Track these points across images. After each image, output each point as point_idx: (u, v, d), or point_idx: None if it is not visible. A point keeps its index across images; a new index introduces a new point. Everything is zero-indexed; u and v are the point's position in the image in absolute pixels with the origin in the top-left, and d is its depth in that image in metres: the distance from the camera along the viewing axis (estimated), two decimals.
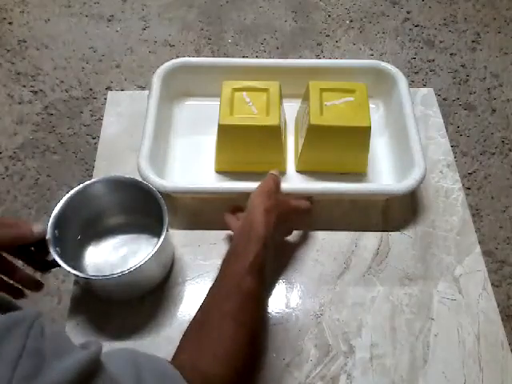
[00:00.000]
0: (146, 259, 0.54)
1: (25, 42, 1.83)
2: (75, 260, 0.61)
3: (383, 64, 0.79)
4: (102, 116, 0.80)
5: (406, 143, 0.69)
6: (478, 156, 1.59)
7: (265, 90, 0.69)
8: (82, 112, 1.65)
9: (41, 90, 1.70)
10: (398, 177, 0.71)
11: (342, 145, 0.69)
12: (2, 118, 1.63)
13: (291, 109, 0.77)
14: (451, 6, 2.02)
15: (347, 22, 1.95)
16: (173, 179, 0.70)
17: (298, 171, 0.73)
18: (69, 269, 0.53)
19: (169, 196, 0.65)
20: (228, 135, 0.68)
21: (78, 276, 0.54)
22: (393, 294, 0.63)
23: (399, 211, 0.70)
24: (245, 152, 0.70)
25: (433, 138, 0.78)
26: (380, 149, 0.76)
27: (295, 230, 0.67)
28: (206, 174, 0.72)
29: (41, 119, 1.63)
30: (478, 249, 0.67)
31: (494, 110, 1.70)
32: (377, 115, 0.79)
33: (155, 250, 0.55)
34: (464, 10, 2.01)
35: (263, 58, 1.80)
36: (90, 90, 1.70)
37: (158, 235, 0.56)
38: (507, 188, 1.53)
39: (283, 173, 0.73)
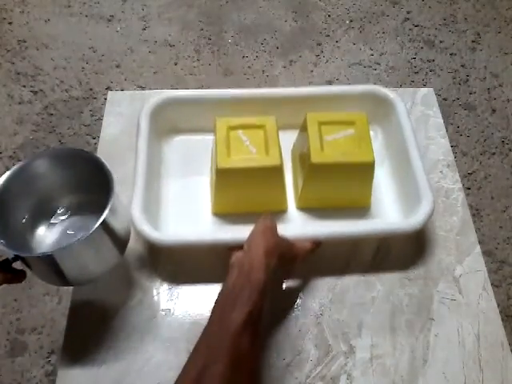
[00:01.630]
0: (73, 242, 0.49)
1: (25, 42, 1.83)
2: (23, 248, 0.55)
3: (379, 88, 0.75)
4: (102, 116, 0.80)
5: (410, 173, 0.66)
6: (478, 156, 1.59)
7: (261, 126, 0.66)
8: (82, 112, 1.65)
9: (41, 90, 1.70)
10: (403, 208, 0.68)
11: (345, 181, 0.66)
12: (2, 118, 1.63)
13: (287, 138, 0.72)
14: (451, 6, 2.02)
15: (347, 21, 1.95)
16: (168, 226, 0.66)
17: (298, 208, 0.69)
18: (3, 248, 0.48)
19: None
20: (227, 179, 0.64)
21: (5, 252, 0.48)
22: (393, 294, 0.63)
23: None
24: (245, 193, 0.66)
25: (433, 138, 0.78)
26: (382, 179, 0.72)
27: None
28: (203, 217, 0.68)
29: (41, 119, 1.63)
30: (477, 249, 0.67)
31: (493, 110, 1.70)
32: (376, 143, 0.73)
33: (91, 231, 0.49)
34: (464, 9, 2.01)
35: (263, 57, 1.81)
36: (90, 90, 1.70)
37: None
38: (507, 188, 1.53)
39: (284, 211, 0.69)
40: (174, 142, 0.76)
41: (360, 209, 0.69)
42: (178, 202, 0.69)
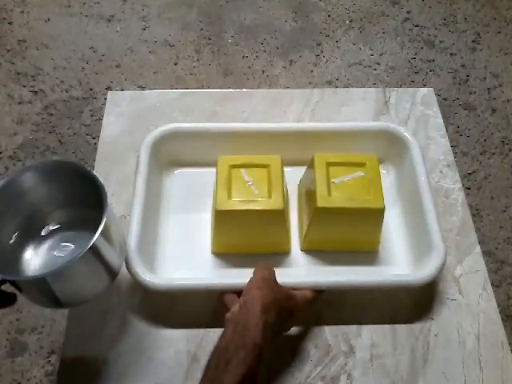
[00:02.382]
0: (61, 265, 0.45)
1: (25, 42, 1.83)
2: (11, 269, 0.52)
3: (394, 127, 0.71)
4: (102, 116, 0.80)
5: (422, 219, 0.63)
6: (478, 156, 1.59)
7: (265, 165, 0.63)
8: (82, 112, 1.65)
9: (41, 90, 1.70)
10: (412, 256, 0.65)
11: (352, 226, 0.63)
12: (2, 118, 1.63)
13: (294, 173, 0.70)
14: (451, 6, 2.02)
15: (347, 22, 1.95)
16: (164, 265, 0.63)
17: (302, 250, 0.66)
18: None
19: None
20: (227, 220, 0.61)
21: None
22: (393, 294, 0.63)
23: None
24: (245, 235, 0.64)
25: (433, 138, 0.78)
26: (392, 221, 0.68)
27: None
28: (202, 256, 0.65)
29: (41, 119, 1.63)
30: (477, 249, 0.67)
31: (494, 110, 1.70)
32: (388, 181, 0.71)
33: (83, 252, 0.46)
34: (464, 9, 2.01)
35: (263, 57, 1.81)
36: (90, 90, 1.70)
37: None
38: (507, 188, 1.53)
39: (287, 252, 0.66)
40: (176, 175, 0.73)
41: (367, 253, 0.66)
42: (177, 239, 0.66)
